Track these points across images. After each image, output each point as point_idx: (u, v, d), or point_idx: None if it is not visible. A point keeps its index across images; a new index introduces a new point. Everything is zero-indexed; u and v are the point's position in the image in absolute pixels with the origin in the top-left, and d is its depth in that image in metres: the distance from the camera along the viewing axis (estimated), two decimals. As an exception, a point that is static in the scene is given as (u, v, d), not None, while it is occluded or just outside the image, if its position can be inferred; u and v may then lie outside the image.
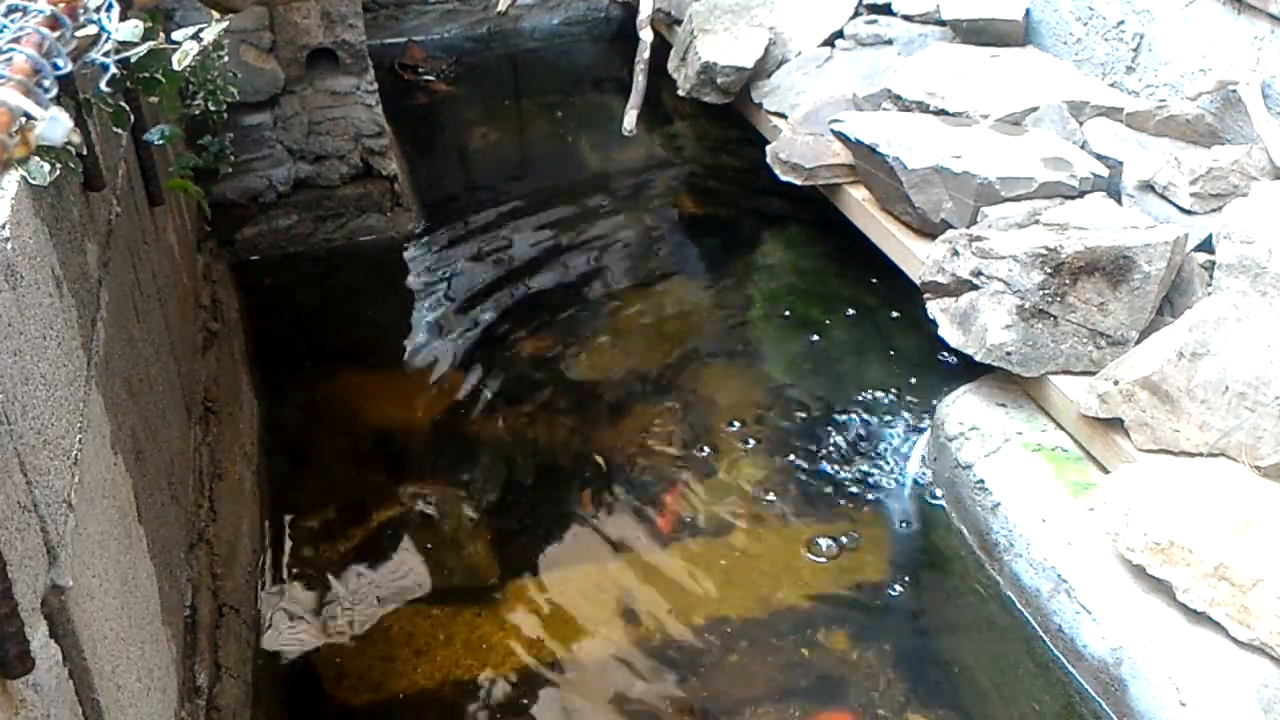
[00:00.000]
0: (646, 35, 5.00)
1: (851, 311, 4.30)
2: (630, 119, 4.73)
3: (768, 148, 4.48)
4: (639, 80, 4.84)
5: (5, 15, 1.42)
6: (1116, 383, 2.98)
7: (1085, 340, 3.20)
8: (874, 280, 4.25)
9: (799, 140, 4.40)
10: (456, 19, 7.06)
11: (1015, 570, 3.02)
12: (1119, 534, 2.73)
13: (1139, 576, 2.71)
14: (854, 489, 3.48)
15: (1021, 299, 3.21)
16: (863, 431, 3.69)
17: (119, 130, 2.58)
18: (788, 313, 4.39)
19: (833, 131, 4.20)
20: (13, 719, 1.46)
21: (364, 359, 4.22)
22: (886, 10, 5.08)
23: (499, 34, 7.06)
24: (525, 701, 2.88)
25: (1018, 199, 3.65)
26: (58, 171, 1.78)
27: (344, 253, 4.85)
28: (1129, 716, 2.62)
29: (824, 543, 3.30)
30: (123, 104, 2.37)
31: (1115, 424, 3.01)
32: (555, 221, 5.05)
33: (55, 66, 1.34)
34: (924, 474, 3.48)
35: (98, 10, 1.59)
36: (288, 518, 3.47)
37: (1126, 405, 2.96)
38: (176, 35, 2.05)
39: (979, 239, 3.36)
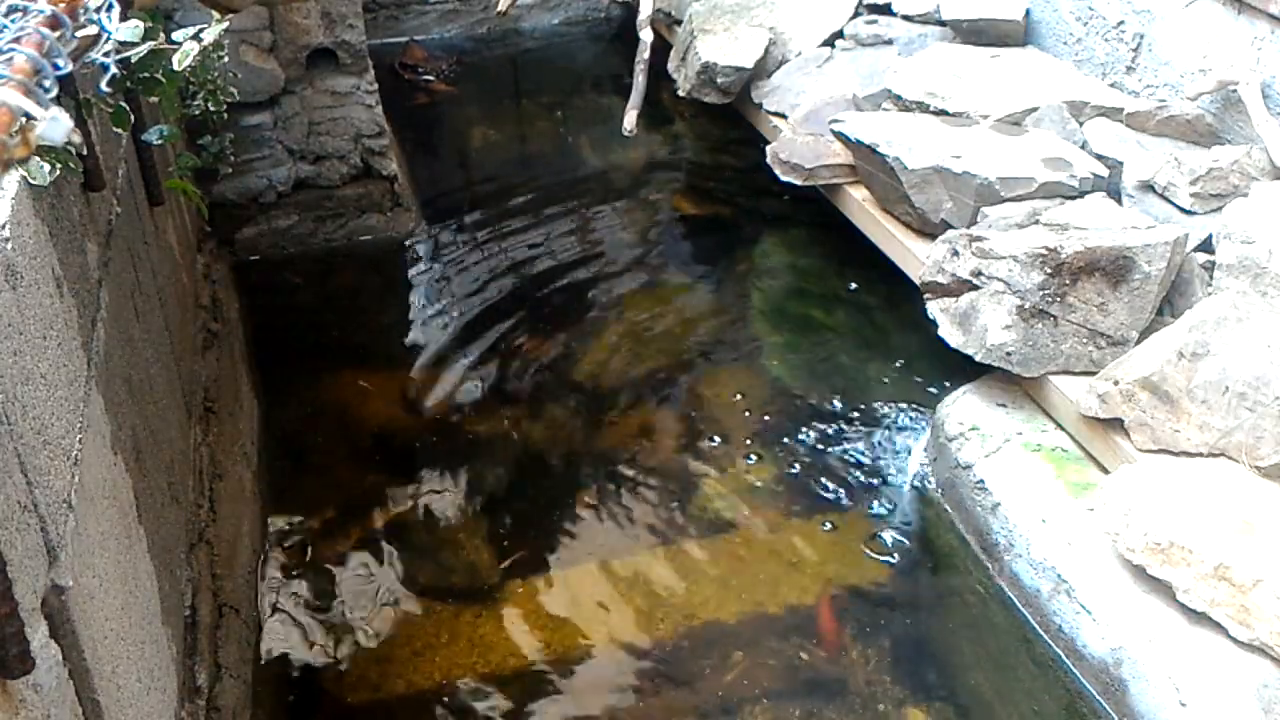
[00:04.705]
0: (646, 35, 5.00)
1: (852, 312, 4.30)
2: (630, 119, 4.72)
3: (768, 148, 4.48)
4: (639, 80, 4.83)
5: (6, 15, 1.42)
6: (1116, 383, 2.98)
7: (1085, 340, 3.20)
8: (874, 281, 4.25)
9: (799, 140, 4.40)
10: (456, 19, 7.06)
11: (1015, 570, 3.02)
12: (1119, 534, 2.73)
13: (1139, 577, 2.71)
14: (854, 489, 3.48)
15: (1021, 299, 3.21)
16: (862, 431, 3.69)
17: (119, 130, 2.58)
18: (788, 313, 4.39)
19: (833, 131, 4.20)
20: (13, 719, 1.46)
21: (364, 359, 4.22)
22: (886, 10, 5.08)
23: (499, 34, 7.06)
24: (525, 702, 2.88)
25: (1018, 199, 3.65)
26: (58, 171, 1.78)
27: (344, 253, 4.84)
28: (1129, 716, 2.62)
29: (823, 542, 3.30)
30: (123, 104, 2.37)
31: (1115, 424, 3.01)
32: (555, 221, 5.05)
33: (55, 66, 1.34)
34: (924, 474, 3.48)
35: (98, 10, 1.58)
36: (288, 518, 3.47)
37: (1126, 405, 2.96)
38: (177, 35, 2.04)
39: (979, 239, 3.36)
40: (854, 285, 4.39)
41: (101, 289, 2.34)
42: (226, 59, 3.87)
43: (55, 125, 1.23)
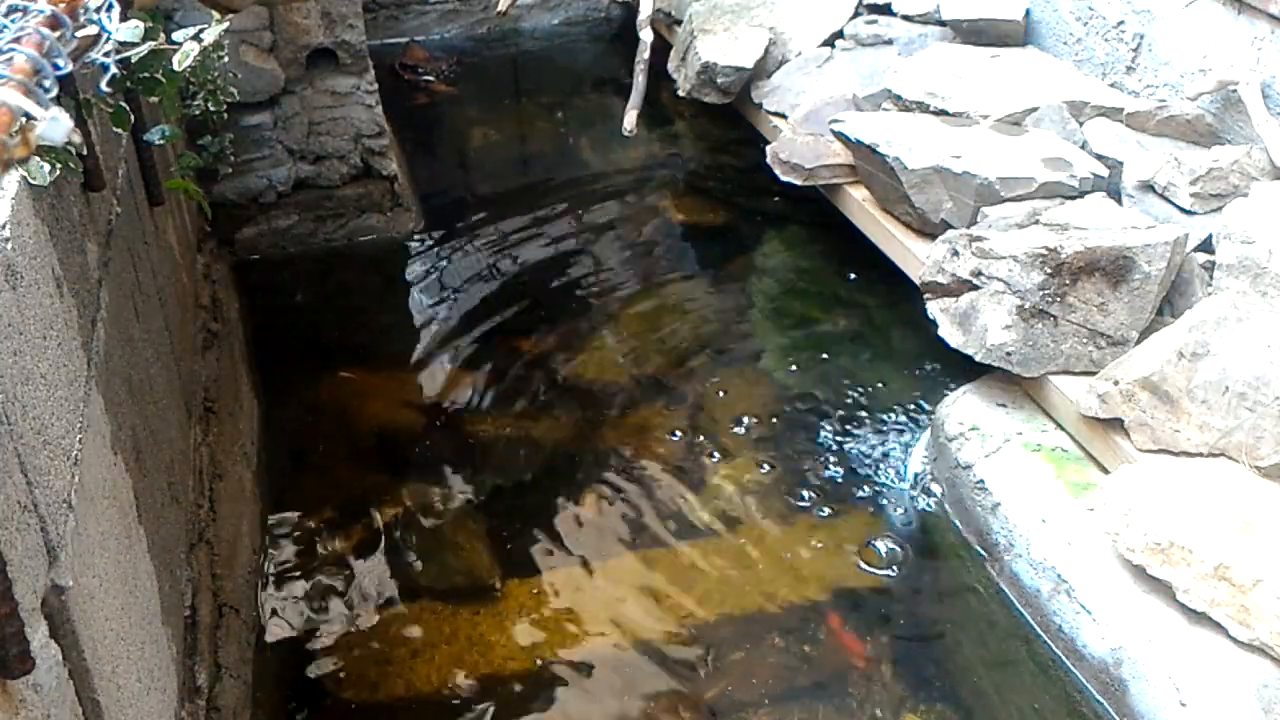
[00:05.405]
0: (646, 35, 5.00)
1: (851, 312, 4.30)
2: (630, 119, 4.72)
3: (768, 148, 4.48)
4: (639, 80, 4.83)
5: (6, 15, 1.42)
6: (1116, 383, 2.98)
7: (1085, 340, 3.20)
8: (874, 280, 4.25)
9: (799, 140, 4.41)
10: (456, 19, 7.06)
11: (1015, 570, 3.02)
12: (1119, 534, 2.73)
13: (1139, 577, 2.71)
14: (854, 489, 3.48)
15: (1021, 299, 3.21)
16: (862, 431, 3.69)
17: (119, 130, 2.58)
18: (788, 313, 4.39)
19: (833, 131, 4.20)
20: (13, 719, 1.46)
21: (364, 359, 4.21)
22: (886, 10, 5.08)
23: (499, 34, 7.06)
24: (525, 702, 2.88)
25: (1018, 199, 3.65)
26: (58, 172, 1.78)
27: (344, 253, 4.84)
28: (1129, 716, 2.62)
29: (824, 542, 3.30)
30: (123, 104, 2.37)
31: (1115, 424, 3.01)
32: (555, 221, 5.05)
33: (56, 66, 1.34)
34: (924, 474, 3.48)
35: (98, 10, 1.58)
36: (288, 518, 3.47)
37: (1126, 405, 2.96)
38: (177, 35, 2.04)
39: (979, 239, 3.36)
40: (854, 285, 4.39)
41: (101, 289, 2.34)
42: (226, 59, 3.87)
43: (55, 125, 1.23)
